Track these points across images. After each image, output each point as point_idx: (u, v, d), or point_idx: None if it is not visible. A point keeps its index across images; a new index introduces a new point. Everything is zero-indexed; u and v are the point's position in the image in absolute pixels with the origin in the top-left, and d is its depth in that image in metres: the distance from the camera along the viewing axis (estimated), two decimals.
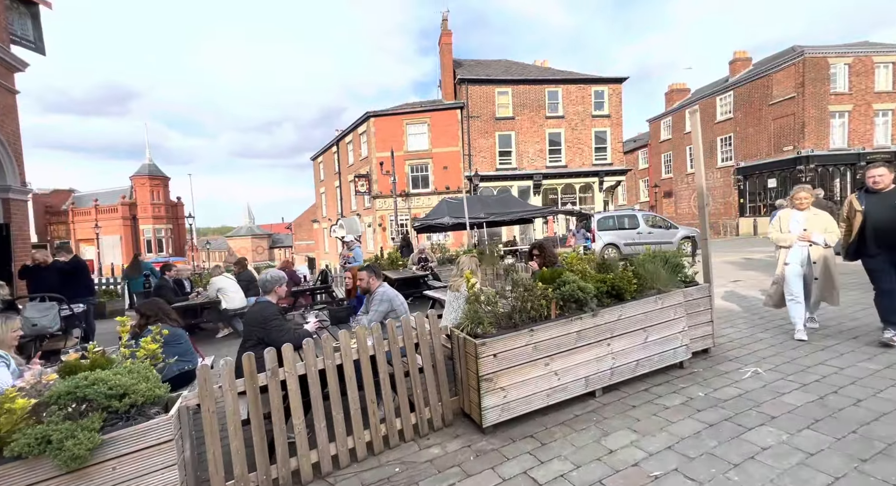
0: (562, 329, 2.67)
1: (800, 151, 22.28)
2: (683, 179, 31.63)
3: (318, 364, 2.12)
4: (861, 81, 22.32)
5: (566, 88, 22.40)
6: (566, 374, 2.67)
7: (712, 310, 3.65)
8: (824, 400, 2.56)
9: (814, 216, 3.83)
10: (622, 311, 2.95)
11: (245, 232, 66.84)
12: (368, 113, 21.77)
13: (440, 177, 21.64)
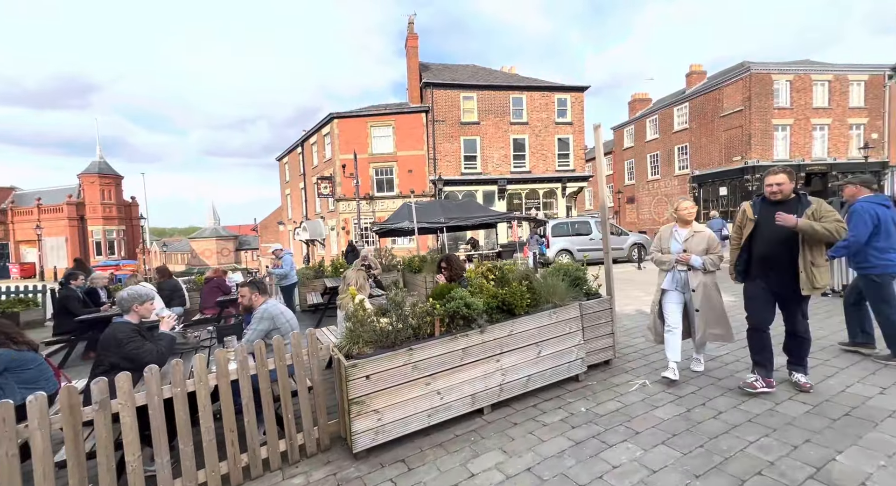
0: (446, 347, 2.65)
1: (747, 161, 23.59)
2: (645, 186, 32.85)
3: (165, 393, 2.01)
4: (801, 97, 23.88)
5: (530, 95, 22.82)
6: (450, 393, 2.66)
7: (614, 322, 3.75)
8: (690, 413, 2.67)
9: (695, 234, 3.24)
10: (513, 326, 2.97)
11: (209, 233, 64.29)
12: (332, 114, 21.41)
13: (405, 180, 21.53)
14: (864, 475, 1.94)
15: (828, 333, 4.24)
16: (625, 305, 6.42)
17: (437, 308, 2.76)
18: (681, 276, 3.26)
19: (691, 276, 3.19)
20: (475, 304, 2.79)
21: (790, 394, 2.87)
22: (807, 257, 2.68)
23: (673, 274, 3.29)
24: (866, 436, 2.27)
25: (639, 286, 8.17)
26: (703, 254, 3.17)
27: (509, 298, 2.95)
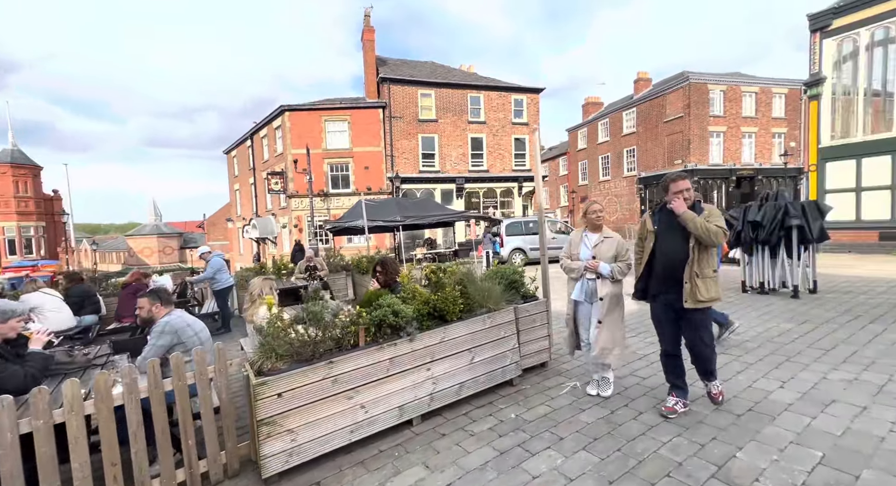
0: (371, 358, 2.53)
1: (687, 164, 25.26)
2: (597, 186, 34.33)
3: (22, 427, 1.73)
4: (732, 106, 25.91)
5: (488, 95, 23.04)
6: (376, 406, 2.54)
7: (550, 324, 3.80)
8: (613, 415, 2.73)
9: (605, 240, 3.02)
10: (445, 333, 2.90)
11: (150, 230, 59.54)
12: (283, 106, 20.43)
13: (361, 177, 21.01)
14: (758, 471, 2.05)
15: (745, 328, 4.56)
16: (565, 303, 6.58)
17: (362, 317, 2.62)
18: (589, 285, 2.99)
19: (600, 285, 2.93)
20: (404, 311, 2.68)
21: (700, 392, 3.02)
22: (693, 267, 2.52)
23: (582, 283, 3.02)
24: (764, 431, 2.41)
25: None
26: (613, 261, 2.93)
27: (441, 304, 2.88)
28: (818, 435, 2.34)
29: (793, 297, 5.94)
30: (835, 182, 11.05)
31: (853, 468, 2.03)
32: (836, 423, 2.46)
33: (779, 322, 4.74)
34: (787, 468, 2.07)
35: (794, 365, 3.42)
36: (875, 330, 4.22)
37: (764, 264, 6.38)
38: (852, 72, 11.09)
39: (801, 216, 5.82)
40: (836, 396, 2.82)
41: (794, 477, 1.99)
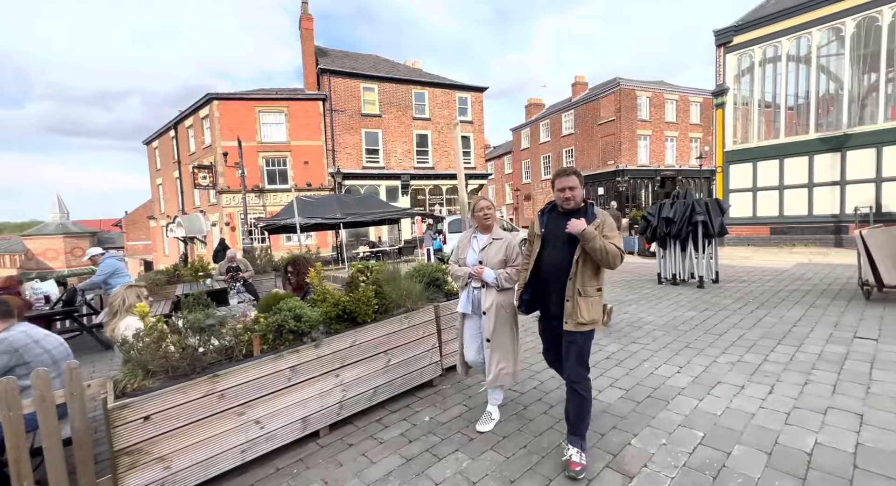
0: (268, 367, 2.33)
1: (618, 165, 27.10)
2: (539, 185, 35.71)
3: None
4: (657, 112, 28.17)
5: (433, 92, 22.96)
6: (274, 419, 2.35)
7: None
8: (526, 410, 2.77)
9: (493, 242, 2.59)
10: (357, 336, 2.76)
11: (54, 229, 52.17)
12: (210, 94, 18.83)
13: (301, 172, 20.00)
14: (648, 457, 2.16)
15: (655, 317, 4.91)
16: None
17: (260, 322, 2.41)
18: (475, 294, 2.58)
19: (485, 294, 2.52)
20: (307, 315, 2.50)
21: (610, 381, 3.17)
22: (576, 283, 2.13)
23: (468, 292, 2.61)
24: (658, 416, 2.57)
25: None
26: (502, 266, 2.52)
27: (351, 306, 2.73)
28: (702, 416, 2.53)
29: (699, 287, 6.52)
30: (736, 183, 12.39)
31: (727, 445, 2.21)
32: (718, 404, 2.67)
33: (684, 311, 5.16)
34: (672, 450, 2.20)
35: (691, 351, 3.71)
36: (759, 315, 4.74)
37: (675, 257, 6.94)
38: (749, 84, 12.47)
39: (705, 213, 6.40)
40: (722, 377, 3.08)
41: (677, 459, 2.12)
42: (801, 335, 3.94)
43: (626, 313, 5.25)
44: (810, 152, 11.11)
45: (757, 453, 2.12)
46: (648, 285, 7.13)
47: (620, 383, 3.10)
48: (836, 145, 10.64)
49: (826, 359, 3.32)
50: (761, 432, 2.31)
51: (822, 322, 4.31)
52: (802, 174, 11.25)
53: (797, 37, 11.28)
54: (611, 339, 4.21)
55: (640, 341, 4.10)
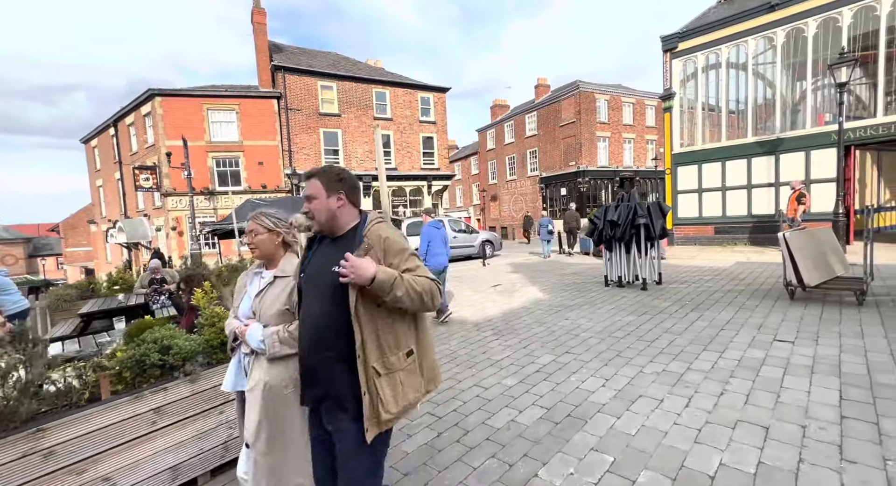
0: (120, 412, 2.00)
1: (579, 166, 27.75)
2: (505, 186, 36.06)
3: None
4: (615, 114, 29.08)
5: (394, 91, 22.59)
6: (132, 473, 2.02)
7: None
8: (439, 438, 2.58)
9: (276, 281, 1.70)
10: None
11: None
12: (152, 90, 17.61)
13: (255, 173, 19.11)
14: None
15: (593, 323, 4.87)
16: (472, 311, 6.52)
17: (117, 356, 2.07)
18: (245, 362, 1.76)
19: (252, 365, 1.69)
20: (179, 346, 2.19)
21: (534, 398, 3.04)
22: (368, 357, 1.31)
23: (238, 360, 1.79)
24: (573, 439, 2.44)
25: (475, 284, 8.56)
26: (280, 321, 1.64)
27: None
28: (616, 437, 2.42)
29: (642, 289, 6.62)
30: (684, 184, 12.87)
31: (634, 471, 2.10)
32: (635, 421, 2.59)
33: (623, 316, 5.17)
34: (577, 481, 2.06)
35: (621, 360, 3.66)
36: (692, 318, 4.80)
37: (621, 260, 7.02)
38: (694, 89, 12.98)
39: (647, 216, 6.49)
40: (644, 390, 3.02)
41: None
42: (726, 340, 3.98)
43: (567, 319, 5.19)
44: (749, 155, 11.69)
45: (663, 479, 2.02)
46: (596, 287, 7.18)
47: (544, 401, 2.98)
48: (770, 149, 11.24)
49: (745, 365, 3.34)
50: (670, 453, 2.22)
51: (747, 325, 4.40)
52: (742, 176, 11.82)
53: (735, 44, 11.84)
54: (545, 349, 4.11)
55: (574, 350, 4.02)
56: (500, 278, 9.28)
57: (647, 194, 31.23)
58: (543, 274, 9.32)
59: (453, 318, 5.77)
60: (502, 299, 6.77)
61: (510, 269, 10.79)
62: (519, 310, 5.93)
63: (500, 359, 3.94)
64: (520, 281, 8.57)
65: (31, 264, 48.81)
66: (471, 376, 3.58)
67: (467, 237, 13.93)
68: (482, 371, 3.67)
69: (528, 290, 7.47)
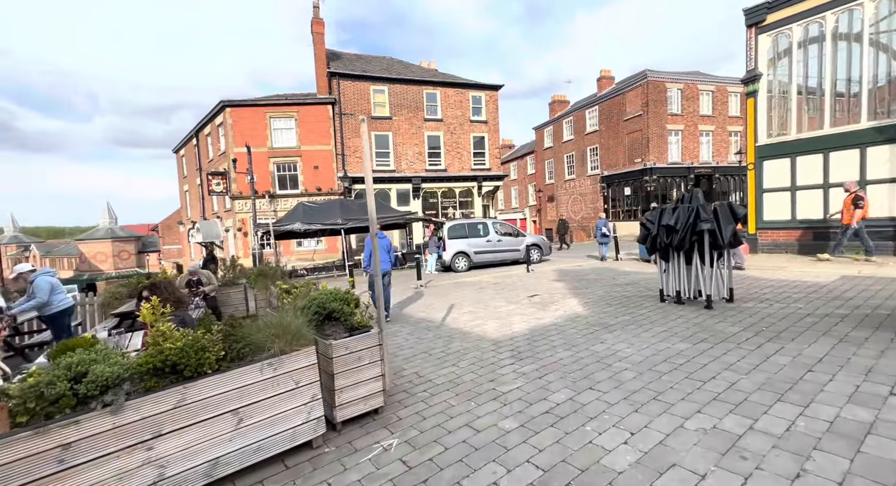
0: (17, 450, 1.79)
1: (646, 163, 25.36)
2: (563, 185, 34.30)
3: None
4: (690, 104, 26.15)
5: (444, 92, 22.39)
6: None
7: (384, 362, 3.16)
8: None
9: None
10: (186, 393, 2.20)
11: (104, 234, 56.25)
12: (224, 101, 19.20)
13: (310, 177, 20.03)
14: None
15: (634, 351, 4.03)
16: (470, 321, 5.99)
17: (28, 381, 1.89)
18: None
19: None
20: (97, 373, 1.96)
21: (531, 452, 2.42)
22: None
23: None
24: None
25: (512, 293, 7.90)
26: None
27: (174, 357, 2.16)
28: None
29: (706, 307, 5.52)
30: (771, 181, 10.91)
31: None
32: None
33: (675, 341, 4.25)
34: None
35: (657, 406, 2.88)
36: (767, 351, 3.77)
37: (680, 272, 5.95)
38: (787, 68, 10.96)
39: (713, 220, 5.39)
40: (679, 456, 2.26)
41: None
42: (813, 387, 2.99)
43: (603, 342, 4.40)
44: (863, 144, 9.54)
45: None
46: (648, 302, 6.17)
47: (542, 458, 2.36)
48: (893, 136, 9.05)
49: (840, 431, 2.41)
50: None
51: (849, 367, 3.31)
52: (852, 170, 9.68)
53: (847, 9, 9.74)
54: (565, 382, 3.43)
55: (599, 386, 3.30)
56: (541, 286, 8.49)
57: (729, 194, 27.74)
58: (591, 284, 8.36)
59: (474, 332, 5.24)
60: (535, 313, 6.07)
61: (555, 276, 9.90)
62: (549, 327, 5.21)
63: (507, 391, 3.35)
64: (561, 291, 7.73)
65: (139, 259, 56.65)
66: (466, 411, 3.04)
67: (512, 241, 13.17)
68: (482, 406, 3.11)
69: (567, 303, 6.66)
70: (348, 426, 2.93)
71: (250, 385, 2.41)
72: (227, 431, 2.32)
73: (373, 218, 3.52)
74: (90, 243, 55.97)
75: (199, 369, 2.23)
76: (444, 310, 6.87)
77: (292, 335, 2.63)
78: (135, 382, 2.10)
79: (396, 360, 4.40)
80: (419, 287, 9.73)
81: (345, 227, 14.56)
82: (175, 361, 2.15)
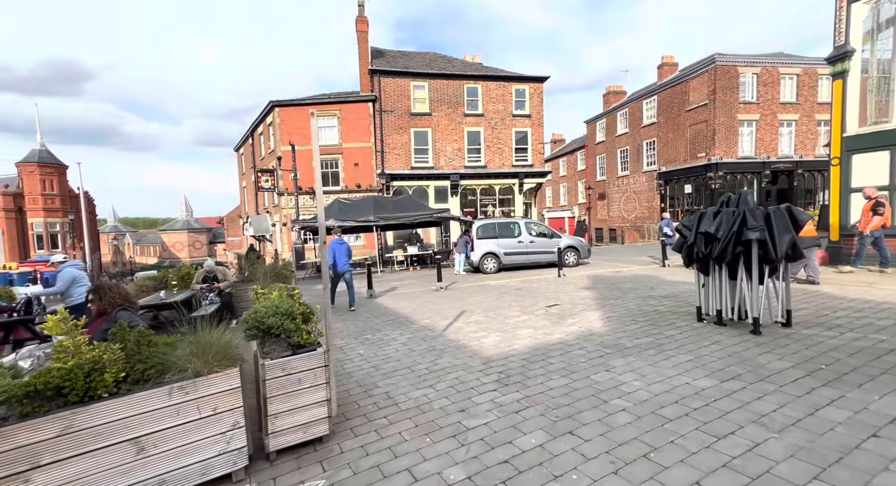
0: None
1: (710, 158, 22.85)
2: (615, 183, 32.14)
3: None
4: (768, 91, 23.12)
5: (486, 85, 21.71)
6: None
7: (331, 385, 2.83)
8: None
9: None
10: (73, 420, 2.02)
11: (181, 226, 62.65)
12: (273, 102, 20.14)
13: (351, 174, 20.42)
14: None
15: (642, 385, 3.36)
16: (473, 333, 5.52)
17: None
18: None
19: None
20: None
21: None
22: None
23: None
24: None
25: (530, 301, 7.29)
26: None
27: (58, 379, 1.99)
28: None
29: (752, 333, 4.59)
30: (862, 178, 9.09)
31: None
32: None
33: (699, 376, 3.50)
34: None
35: (645, 468, 2.27)
36: (818, 401, 2.93)
37: (722, 287, 5.02)
38: (891, 42, 9.06)
39: (763, 228, 4.44)
40: None
41: None
42: (876, 462, 2.20)
43: (609, 371, 3.75)
44: None
45: None
46: (682, 322, 5.30)
47: None
48: None
49: None
50: None
51: None
52: None
53: None
54: (543, 420, 2.89)
55: (582, 431, 2.72)
56: (565, 295, 7.76)
57: (815, 192, 24.21)
58: (623, 294, 7.49)
59: (470, 346, 4.78)
60: (546, 327, 5.46)
61: (586, 283, 9.06)
62: (554, 346, 4.61)
63: (473, 427, 2.89)
64: (585, 301, 6.98)
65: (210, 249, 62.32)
66: (416, 450, 2.64)
67: (546, 242, 12.35)
68: (436, 445, 2.69)
69: (586, 316, 5.94)
70: (284, 456, 2.65)
71: (156, 411, 2.20)
72: (124, 462, 2.13)
73: (320, 219, 3.21)
74: (170, 233, 62.52)
75: (89, 393, 2.04)
76: (452, 317, 6.46)
77: (213, 355, 2.40)
78: (13, 404, 1.95)
79: (375, 375, 4.08)
80: (439, 289, 9.38)
81: (376, 224, 14.62)
82: (58, 384, 1.97)
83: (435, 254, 15.73)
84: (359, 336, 5.64)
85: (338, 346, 5.23)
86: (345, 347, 5.17)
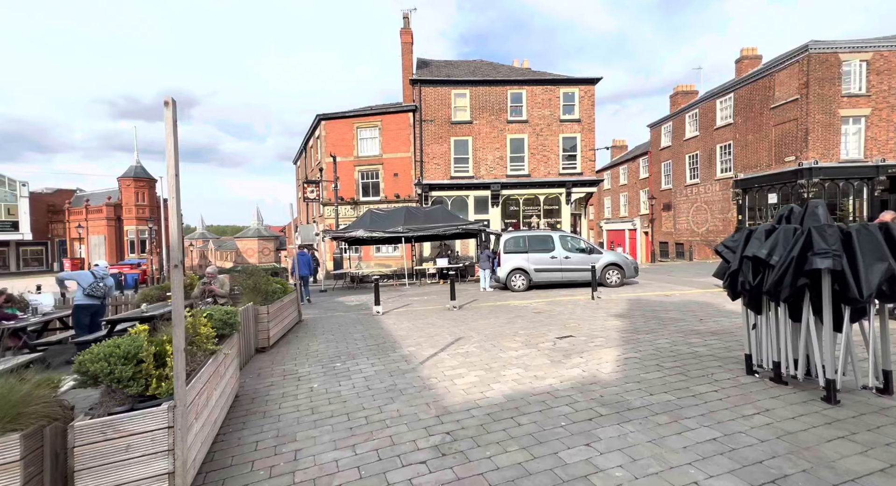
0: None
1: (801, 162, 19.45)
2: (683, 191, 28.92)
3: None
4: (882, 80, 19.28)
5: (531, 90, 20.64)
6: None
7: (176, 453, 2.22)
8: None
9: None
10: None
11: (252, 233, 68.38)
12: (320, 115, 20.92)
13: (391, 184, 20.43)
14: None
15: (629, 480, 2.31)
16: (451, 369, 4.66)
17: None
18: None
19: None
20: None
21: None
22: None
23: None
24: None
25: (540, 330, 6.22)
26: None
27: None
28: None
29: (824, 400, 3.21)
30: None
31: None
32: None
33: (717, 472, 2.35)
34: None
35: None
36: None
37: (780, 331, 3.66)
38: None
39: (839, 254, 3.09)
40: None
41: None
42: None
43: (590, 447, 2.71)
44: None
45: None
46: (724, 373, 3.98)
47: None
48: None
49: None
50: None
51: None
52: None
53: None
54: None
55: None
56: (588, 324, 6.55)
57: None
58: (661, 326, 6.12)
59: (435, 389, 3.95)
60: (541, 368, 4.45)
61: (622, 308, 7.70)
62: (535, 399, 3.62)
63: None
64: (608, 334, 5.76)
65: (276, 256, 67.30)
66: None
67: (584, 258, 10.98)
68: None
69: (599, 355, 4.79)
70: None
71: None
72: None
73: (178, 260, 2.62)
74: (243, 239, 68.56)
75: None
76: (442, 345, 5.64)
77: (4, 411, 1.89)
78: None
79: (303, 422, 3.43)
80: (451, 309, 8.58)
81: (405, 235, 14.22)
82: None
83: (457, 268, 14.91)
84: (328, 364, 5.05)
85: (298, 374, 4.69)
86: (303, 377, 4.61)
